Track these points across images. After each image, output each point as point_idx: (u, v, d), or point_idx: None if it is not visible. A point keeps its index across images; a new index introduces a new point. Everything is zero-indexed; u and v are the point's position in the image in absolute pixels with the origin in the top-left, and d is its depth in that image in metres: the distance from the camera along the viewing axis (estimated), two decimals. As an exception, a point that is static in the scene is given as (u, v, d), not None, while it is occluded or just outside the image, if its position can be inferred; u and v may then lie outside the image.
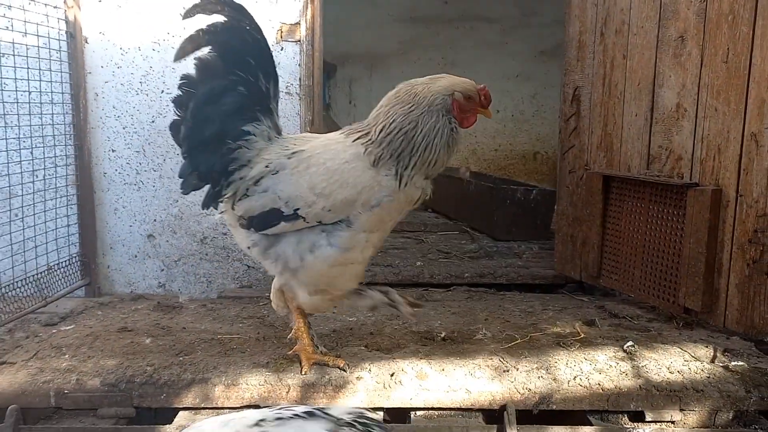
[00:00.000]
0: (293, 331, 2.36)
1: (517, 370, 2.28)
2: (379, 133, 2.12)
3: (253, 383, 2.20)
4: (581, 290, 3.59)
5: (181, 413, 2.20)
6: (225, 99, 2.14)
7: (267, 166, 2.18)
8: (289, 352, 2.35)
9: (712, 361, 2.38)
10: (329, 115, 7.31)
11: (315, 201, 2.11)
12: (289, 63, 3.48)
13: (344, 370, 2.25)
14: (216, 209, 2.30)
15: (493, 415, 2.21)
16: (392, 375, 2.23)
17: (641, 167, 3.02)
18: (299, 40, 3.45)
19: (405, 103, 2.11)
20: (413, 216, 5.98)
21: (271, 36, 3.45)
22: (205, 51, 2.15)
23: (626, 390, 2.17)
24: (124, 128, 3.51)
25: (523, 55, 8.01)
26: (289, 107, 3.50)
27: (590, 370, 2.29)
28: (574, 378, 2.23)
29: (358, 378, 2.22)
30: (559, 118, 3.65)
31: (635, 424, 2.17)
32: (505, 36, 8.16)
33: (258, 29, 2.20)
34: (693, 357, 2.42)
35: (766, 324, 2.48)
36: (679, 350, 2.48)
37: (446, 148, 2.13)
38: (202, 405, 2.20)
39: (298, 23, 3.45)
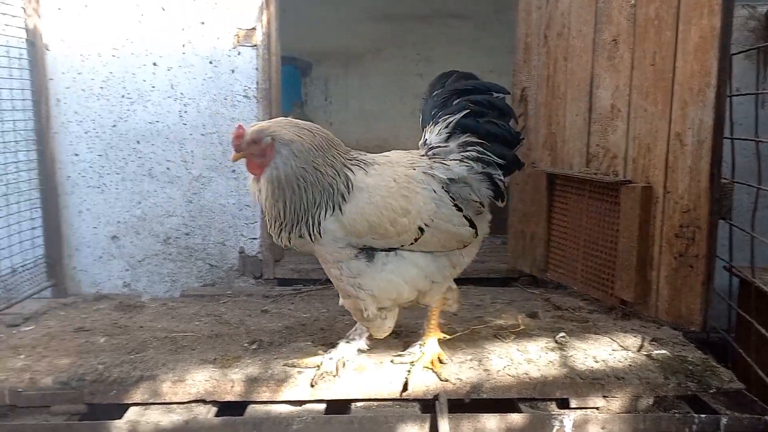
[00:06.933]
0: None
1: (452, 361, 2.40)
2: None
3: (199, 379, 2.30)
4: (534, 284, 3.71)
5: (131, 408, 2.30)
6: None
7: None
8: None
9: (639, 350, 2.51)
10: (303, 112, 7.40)
11: None
12: (246, 67, 3.57)
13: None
14: None
15: (429, 404, 2.33)
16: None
17: (581, 165, 3.14)
18: (256, 45, 3.55)
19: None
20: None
21: (228, 41, 3.55)
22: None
23: (552, 379, 2.29)
24: (86, 132, 3.60)
25: (497, 51, 8.06)
26: (246, 110, 3.60)
27: (520, 360, 2.41)
28: (504, 368, 2.35)
29: (299, 372, 2.34)
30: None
31: (562, 410, 2.28)
32: (478, 32, 8.26)
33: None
34: (621, 346, 2.54)
35: (692, 314, 2.61)
36: (609, 340, 2.61)
37: None
38: (151, 401, 2.30)
39: (254, 28, 3.54)
